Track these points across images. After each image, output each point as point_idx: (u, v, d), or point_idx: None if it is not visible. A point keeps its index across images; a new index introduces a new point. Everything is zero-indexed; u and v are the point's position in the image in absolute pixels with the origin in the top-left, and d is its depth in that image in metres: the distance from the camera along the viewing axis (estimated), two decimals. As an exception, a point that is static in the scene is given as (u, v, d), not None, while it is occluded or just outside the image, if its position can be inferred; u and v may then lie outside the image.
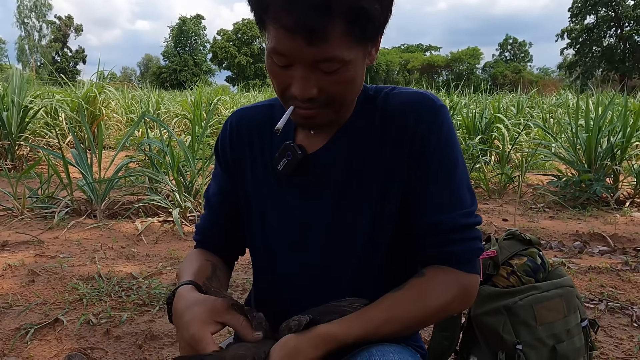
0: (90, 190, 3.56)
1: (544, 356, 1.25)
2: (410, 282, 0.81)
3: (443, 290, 0.81)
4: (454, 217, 0.82)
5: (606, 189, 4.14)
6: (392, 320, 0.77)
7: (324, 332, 0.72)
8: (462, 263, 0.83)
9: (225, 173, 0.98)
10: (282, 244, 0.92)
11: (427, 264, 0.84)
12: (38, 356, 1.71)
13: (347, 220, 0.87)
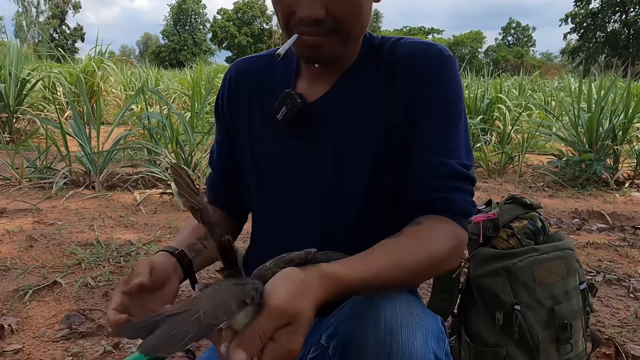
0: (89, 161, 3.55)
1: (542, 317, 1.25)
2: (406, 230, 0.75)
3: (442, 239, 0.76)
4: (453, 164, 0.80)
5: (606, 169, 4.12)
6: (396, 266, 0.70)
7: (330, 272, 0.63)
8: (457, 214, 0.79)
9: (224, 130, 0.98)
10: (280, 199, 0.90)
11: (421, 211, 0.79)
12: (37, 316, 1.71)
13: (347, 173, 0.85)
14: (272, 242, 0.94)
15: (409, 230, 0.76)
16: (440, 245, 0.75)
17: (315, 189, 0.87)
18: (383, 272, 0.68)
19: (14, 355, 1.48)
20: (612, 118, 4.39)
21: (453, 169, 0.79)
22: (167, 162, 3.60)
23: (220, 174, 1.01)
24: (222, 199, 1.02)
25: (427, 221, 0.77)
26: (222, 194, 1.02)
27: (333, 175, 0.86)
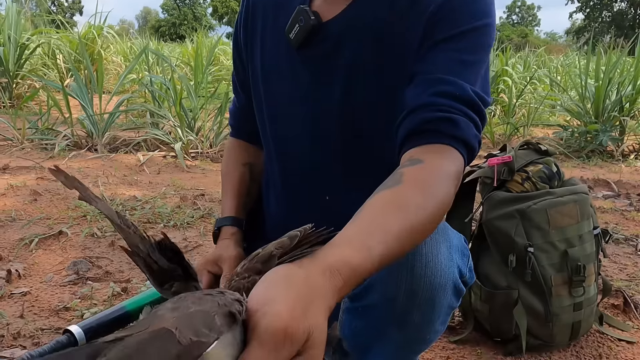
0: (91, 124, 3.51)
1: (555, 260, 1.24)
2: (408, 173, 0.63)
3: (448, 181, 0.65)
4: (467, 87, 0.71)
5: (612, 140, 4.09)
6: (409, 230, 0.56)
7: (337, 262, 0.47)
8: (461, 143, 0.68)
9: (239, 55, 0.96)
10: (290, 124, 0.88)
11: (419, 133, 0.69)
12: (43, 263, 1.70)
13: (360, 99, 0.81)
14: (285, 177, 0.92)
15: (410, 173, 0.63)
16: (447, 190, 0.64)
17: (325, 113, 0.83)
18: (396, 241, 0.54)
19: (21, 297, 1.48)
20: (620, 89, 4.34)
21: (465, 93, 0.70)
22: (170, 125, 3.57)
23: (240, 103, 1.01)
24: (244, 128, 1.02)
25: (430, 158, 0.66)
26: (243, 123, 1.02)
27: (344, 101, 0.82)
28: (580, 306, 1.25)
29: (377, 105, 0.81)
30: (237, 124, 1.04)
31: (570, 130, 4.33)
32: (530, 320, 1.23)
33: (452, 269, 0.74)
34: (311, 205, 0.89)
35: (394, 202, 0.58)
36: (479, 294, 1.30)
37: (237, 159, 1.02)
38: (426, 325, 0.75)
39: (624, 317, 1.48)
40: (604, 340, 1.35)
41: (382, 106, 0.81)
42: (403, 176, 0.62)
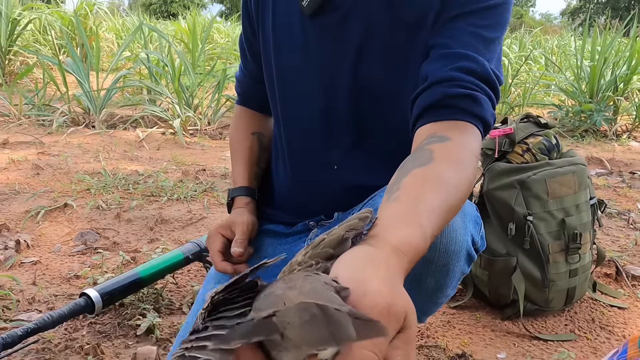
0: (88, 100, 3.49)
1: (553, 228, 1.29)
2: (438, 150, 0.62)
3: (474, 158, 0.65)
4: (487, 64, 0.72)
5: (606, 120, 4.15)
6: (449, 207, 0.56)
7: (402, 243, 0.46)
8: (481, 120, 0.69)
9: (249, 20, 0.95)
10: (300, 93, 0.88)
11: (436, 108, 0.69)
12: (50, 234, 1.73)
13: (371, 68, 0.82)
14: (293, 146, 0.93)
15: (440, 150, 0.62)
16: (474, 167, 0.65)
17: (338, 84, 0.84)
18: (440, 219, 0.54)
19: (32, 266, 1.51)
20: (615, 69, 4.38)
21: (485, 70, 0.70)
22: (167, 102, 3.56)
23: (248, 70, 1.01)
24: (251, 96, 1.03)
25: (455, 135, 0.66)
26: (251, 91, 1.02)
27: (356, 71, 0.82)
28: (575, 272, 1.31)
29: (388, 74, 0.82)
30: (244, 92, 1.04)
31: (565, 110, 4.38)
32: (528, 285, 1.29)
33: (466, 237, 0.77)
34: (319, 174, 0.90)
35: (432, 180, 0.57)
36: (479, 261, 1.35)
37: (246, 127, 1.03)
38: (439, 290, 0.79)
39: (616, 285, 1.54)
40: (597, 306, 1.41)
41: (393, 76, 0.81)
42: (433, 153, 0.62)
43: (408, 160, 0.61)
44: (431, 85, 0.70)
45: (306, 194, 0.94)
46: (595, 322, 1.34)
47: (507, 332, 1.29)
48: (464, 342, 1.23)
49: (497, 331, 1.29)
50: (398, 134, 0.83)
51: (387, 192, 0.56)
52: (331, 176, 0.89)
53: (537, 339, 1.26)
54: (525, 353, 1.20)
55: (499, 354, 1.18)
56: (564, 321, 1.34)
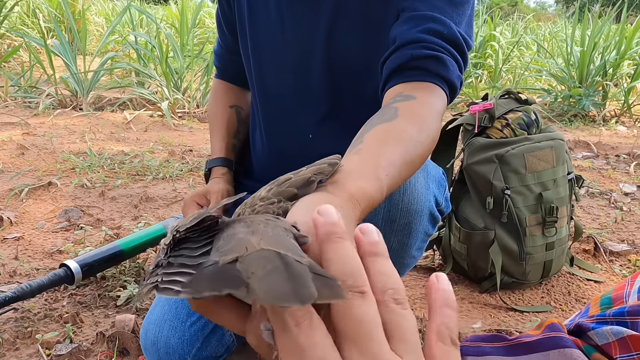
0: (75, 82, 3.46)
1: (530, 202, 1.31)
2: (401, 107, 0.64)
3: (437, 117, 0.66)
4: (454, 28, 0.72)
5: (595, 104, 4.17)
6: (409, 162, 0.57)
7: (357, 191, 0.47)
8: (447, 82, 0.70)
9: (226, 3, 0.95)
10: (276, 64, 0.89)
11: (403, 70, 0.70)
12: (34, 212, 1.73)
13: (345, 36, 0.82)
14: (269, 116, 0.94)
15: (405, 107, 0.64)
16: (437, 126, 0.66)
17: (312, 54, 0.84)
18: (398, 173, 0.54)
19: (15, 242, 1.51)
20: (604, 55, 4.39)
21: (452, 32, 0.71)
22: (156, 84, 3.54)
23: (225, 43, 1.01)
24: (229, 70, 1.04)
25: (421, 95, 0.67)
26: (228, 64, 1.03)
27: (330, 44, 0.83)
28: (552, 246, 1.33)
29: (362, 46, 0.82)
30: (222, 65, 1.05)
31: (554, 95, 4.40)
32: (505, 258, 1.31)
33: (428, 197, 0.79)
34: (295, 143, 0.91)
35: (394, 135, 0.58)
36: (458, 236, 1.37)
37: (224, 100, 1.05)
38: (403, 250, 0.80)
39: (594, 260, 1.57)
40: (574, 280, 1.44)
41: (366, 47, 0.82)
42: (398, 110, 0.62)
43: (374, 117, 0.62)
44: (399, 48, 0.71)
45: (282, 164, 0.95)
46: (571, 295, 1.36)
47: (485, 304, 1.31)
48: (441, 313, 1.25)
49: (475, 303, 1.31)
50: (372, 105, 0.84)
51: (352, 144, 0.57)
52: (306, 145, 0.90)
53: (513, 310, 1.28)
54: (501, 323, 1.22)
55: (475, 324, 1.20)
56: (540, 294, 1.37)
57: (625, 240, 1.67)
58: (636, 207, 1.99)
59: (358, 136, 0.59)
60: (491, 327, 1.19)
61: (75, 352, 0.98)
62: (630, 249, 1.60)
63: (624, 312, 0.61)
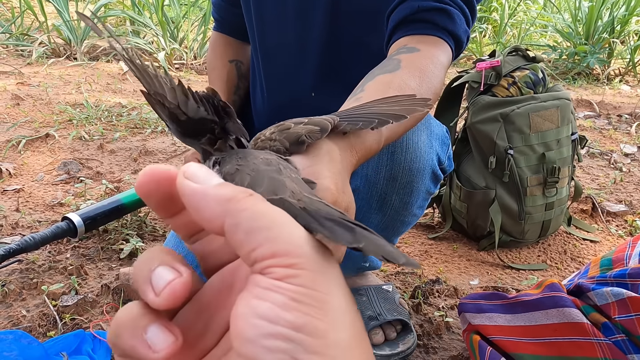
0: (69, 30, 3.35)
1: (532, 162, 1.30)
2: (406, 59, 0.62)
3: (441, 70, 0.65)
4: None
5: (599, 61, 4.10)
6: None
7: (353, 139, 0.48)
8: (453, 36, 0.68)
9: None
10: (277, 20, 0.86)
11: (409, 23, 0.68)
12: (33, 164, 1.72)
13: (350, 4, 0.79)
14: (271, 74, 0.92)
15: (408, 59, 0.63)
16: (441, 80, 0.65)
17: (317, 7, 0.82)
18: (397, 125, 0.54)
19: (14, 194, 1.51)
20: (613, 10, 4.27)
21: None
22: (152, 34, 3.43)
23: None
24: (229, 22, 1.00)
25: (425, 48, 0.65)
26: (228, 16, 1.00)
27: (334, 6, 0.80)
28: (552, 206, 1.34)
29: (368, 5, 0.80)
30: (221, 17, 1.01)
31: (559, 51, 4.31)
32: (505, 217, 1.32)
33: (431, 155, 0.78)
34: (296, 100, 0.89)
35: (395, 87, 0.57)
36: (459, 194, 1.37)
37: (224, 55, 1.02)
38: (404, 208, 0.81)
39: (591, 220, 1.59)
40: (570, 240, 1.46)
41: None
42: (401, 62, 0.62)
43: (376, 68, 0.61)
44: (401, 2, 0.69)
45: (284, 119, 0.94)
46: (567, 254, 1.39)
47: (482, 261, 1.33)
48: (439, 270, 1.27)
49: (473, 261, 1.34)
50: (375, 62, 0.83)
51: (353, 93, 0.56)
52: (308, 103, 0.89)
53: (510, 268, 1.31)
54: (497, 280, 1.25)
55: (472, 281, 1.23)
56: (537, 252, 1.39)
57: (623, 201, 1.68)
58: (636, 168, 1.99)
59: (359, 85, 0.59)
60: (488, 284, 1.21)
61: (81, 303, 1.00)
62: (628, 209, 1.62)
63: (625, 274, 0.62)
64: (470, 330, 0.83)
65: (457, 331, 1.03)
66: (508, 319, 0.73)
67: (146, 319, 0.21)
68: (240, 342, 0.19)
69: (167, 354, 0.20)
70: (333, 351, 0.18)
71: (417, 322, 1.05)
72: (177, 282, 0.20)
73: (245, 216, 0.20)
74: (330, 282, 0.20)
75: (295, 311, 0.18)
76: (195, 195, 0.21)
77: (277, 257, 0.19)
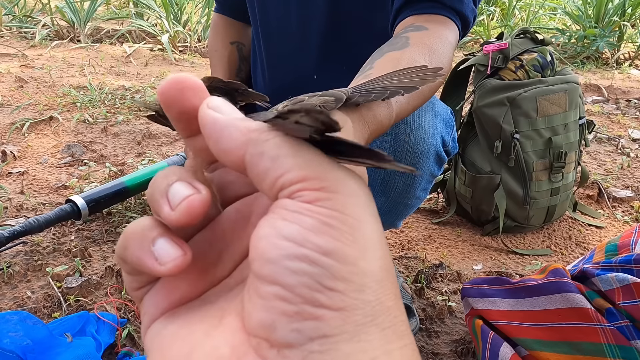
0: (72, 12, 3.33)
1: (539, 146, 1.29)
2: (415, 37, 0.62)
3: (450, 49, 0.64)
4: None
5: (609, 45, 4.03)
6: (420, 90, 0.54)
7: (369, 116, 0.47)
8: (460, 15, 0.67)
9: None
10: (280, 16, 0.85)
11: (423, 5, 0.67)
12: (37, 146, 1.72)
13: None
14: (272, 56, 0.90)
15: (417, 37, 0.62)
16: (449, 59, 0.64)
17: None
18: (407, 102, 0.54)
19: (19, 176, 1.51)
20: (625, -8, 4.18)
21: None
22: (155, 16, 3.40)
23: None
24: (230, 3, 0.99)
25: (433, 27, 0.64)
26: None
27: None
28: (557, 191, 1.33)
29: None
30: None
31: (568, 35, 4.24)
32: (509, 203, 1.31)
33: (435, 137, 0.77)
34: (298, 83, 0.88)
35: (404, 64, 0.56)
36: (464, 179, 1.36)
37: (225, 36, 1.00)
38: (408, 191, 0.80)
39: (597, 206, 1.57)
40: (575, 225, 1.45)
41: None
42: (409, 39, 0.60)
43: (384, 45, 0.59)
44: None
45: None
46: (571, 239, 1.38)
47: (486, 246, 1.33)
48: (443, 255, 1.27)
49: (476, 246, 1.33)
50: (380, 43, 0.81)
51: (361, 70, 0.55)
52: (311, 85, 0.88)
53: (514, 253, 1.30)
54: (501, 265, 1.24)
55: (475, 266, 1.23)
56: (541, 238, 1.38)
57: (630, 186, 1.67)
58: (643, 153, 1.97)
59: (368, 62, 0.58)
60: (492, 269, 1.21)
61: (85, 285, 1.01)
62: (634, 195, 1.60)
63: (630, 259, 0.61)
64: (472, 314, 0.83)
65: (459, 316, 1.03)
66: (511, 303, 0.73)
67: (155, 231, 0.20)
68: (260, 263, 0.18)
69: (173, 267, 0.20)
70: (361, 279, 0.18)
71: (420, 307, 1.05)
72: (195, 198, 0.20)
73: (271, 144, 0.19)
74: (363, 208, 0.19)
75: (326, 235, 0.18)
76: (217, 124, 0.20)
77: (307, 180, 0.18)
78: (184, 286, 0.21)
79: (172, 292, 0.21)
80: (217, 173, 0.24)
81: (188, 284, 0.22)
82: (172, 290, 0.21)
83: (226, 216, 0.23)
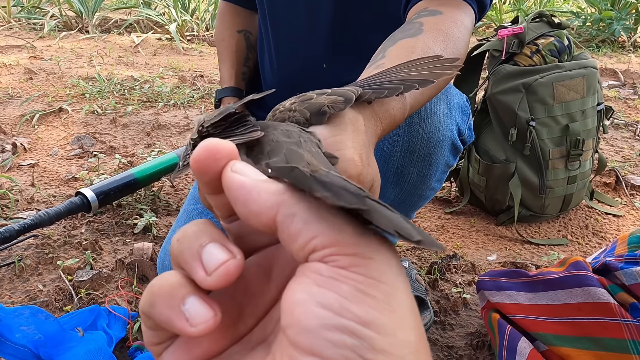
0: (80, 2, 3.31)
1: (555, 134, 1.26)
2: (428, 22, 0.59)
3: (465, 33, 0.61)
4: None
5: (626, 29, 3.92)
6: None
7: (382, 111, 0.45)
8: (477, 0, 0.65)
9: None
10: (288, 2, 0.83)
11: None
12: (46, 138, 1.72)
13: None
14: (280, 44, 0.88)
15: (430, 22, 0.59)
16: (465, 44, 0.61)
17: None
18: (421, 92, 0.52)
19: (29, 168, 1.51)
20: (642, -27, 4.06)
21: None
22: (163, 4, 3.38)
23: None
24: None
25: (447, 10, 0.62)
26: None
27: None
28: (574, 180, 1.29)
29: None
30: None
31: (583, 18, 4.14)
32: (525, 192, 1.28)
33: (450, 125, 0.74)
34: (308, 73, 0.86)
35: (418, 52, 0.53)
36: (477, 168, 1.33)
37: (232, 25, 0.98)
38: (422, 182, 0.78)
39: (614, 194, 1.54)
40: (592, 214, 1.42)
41: None
42: (423, 25, 0.58)
43: (396, 32, 0.57)
44: None
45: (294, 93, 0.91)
46: (588, 229, 1.35)
47: (500, 236, 1.31)
48: (456, 245, 1.25)
49: (490, 235, 1.31)
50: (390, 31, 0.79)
51: (373, 58, 0.53)
52: (320, 74, 0.86)
53: (529, 243, 1.28)
54: (516, 256, 1.22)
55: (490, 256, 1.21)
56: (557, 227, 1.35)
57: (649, 174, 1.63)
58: (662, 139, 1.92)
59: (380, 50, 0.55)
60: (506, 260, 1.19)
61: (96, 278, 1.00)
62: (653, 183, 1.56)
63: (656, 253, 0.59)
64: (489, 308, 0.81)
65: (474, 308, 1.01)
66: (529, 297, 0.71)
67: (185, 289, 0.19)
68: (297, 331, 0.17)
69: (205, 329, 0.19)
70: (400, 351, 0.17)
71: (434, 299, 1.03)
72: (231, 264, 0.19)
73: (303, 206, 0.19)
74: (396, 275, 0.18)
75: (364, 304, 0.17)
76: (244, 187, 0.20)
77: (340, 245, 0.18)
78: (206, 343, 0.21)
79: (194, 349, 0.21)
80: (237, 223, 0.24)
81: (210, 341, 0.21)
82: (194, 347, 0.21)
83: (247, 270, 0.22)
